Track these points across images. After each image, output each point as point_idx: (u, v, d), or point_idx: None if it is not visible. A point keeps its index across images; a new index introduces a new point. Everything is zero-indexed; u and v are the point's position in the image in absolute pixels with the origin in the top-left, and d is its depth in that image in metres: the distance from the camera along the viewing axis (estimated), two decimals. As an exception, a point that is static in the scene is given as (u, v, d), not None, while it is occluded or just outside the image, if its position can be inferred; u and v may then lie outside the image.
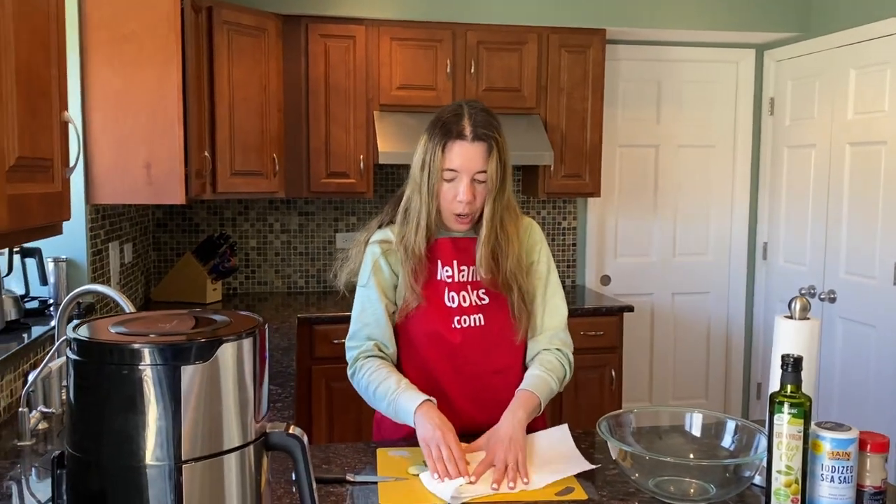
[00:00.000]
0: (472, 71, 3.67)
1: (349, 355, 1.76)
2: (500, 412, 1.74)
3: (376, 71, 3.60)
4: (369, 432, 3.33)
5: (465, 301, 1.73)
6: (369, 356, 1.72)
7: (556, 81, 3.77)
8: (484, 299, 1.74)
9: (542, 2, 3.73)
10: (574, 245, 4.26)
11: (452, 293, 1.73)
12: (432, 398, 1.60)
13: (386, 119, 3.59)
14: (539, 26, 3.73)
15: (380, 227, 1.80)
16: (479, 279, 1.74)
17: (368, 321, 1.74)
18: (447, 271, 1.73)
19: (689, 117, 4.30)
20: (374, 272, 1.74)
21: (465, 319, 1.73)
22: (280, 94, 3.51)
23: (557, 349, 1.77)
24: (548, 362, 1.74)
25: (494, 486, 1.47)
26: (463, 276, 1.74)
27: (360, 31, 3.57)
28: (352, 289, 1.81)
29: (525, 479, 1.48)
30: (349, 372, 1.75)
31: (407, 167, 3.99)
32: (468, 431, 1.72)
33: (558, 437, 1.65)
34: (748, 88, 4.31)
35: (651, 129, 4.27)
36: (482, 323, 1.74)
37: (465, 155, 1.63)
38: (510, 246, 1.71)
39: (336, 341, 3.31)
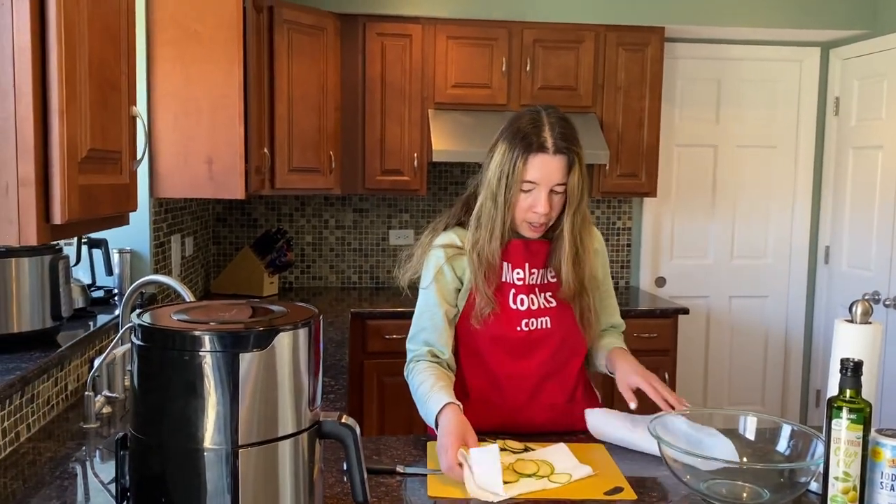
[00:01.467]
0: (528, 69, 3.66)
1: (408, 357, 1.78)
2: (558, 413, 1.77)
3: (432, 69, 3.62)
4: (420, 427, 3.36)
5: (533, 304, 1.73)
6: (420, 360, 1.73)
7: (612, 80, 3.73)
8: (552, 302, 1.74)
9: (600, -1, 3.70)
10: (629, 245, 4.21)
11: (521, 296, 1.73)
12: (458, 402, 1.57)
13: (441, 117, 3.61)
14: (596, 24, 3.70)
15: (445, 228, 1.79)
16: (546, 282, 1.74)
17: (426, 325, 1.74)
18: (518, 274, 1.73)
19: (749, 117, 4.20)
20: (436, 277, 1.73)
21: (532, 322, 1.73)
22: (337, 92, 3.57)
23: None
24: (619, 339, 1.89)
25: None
26: (533, 279, 1.74)
27: (417, 29, 3.60)
28: (413, 288, 1.81)
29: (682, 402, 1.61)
30: (405, 373, 1.77)
31: (461, 166, 3.97)
32: (526, 431, 1.74)
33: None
34: (812, 88, 4.19)
35: (710, 128, 4.19)
36: (549, 325, 1.74)
37: (545, 168, 1.62)
38: (587, 256, 1.72)
39: (388, 337, 3.35)
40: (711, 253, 4.25)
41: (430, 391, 1.62)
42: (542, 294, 1.74)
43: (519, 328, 1.72)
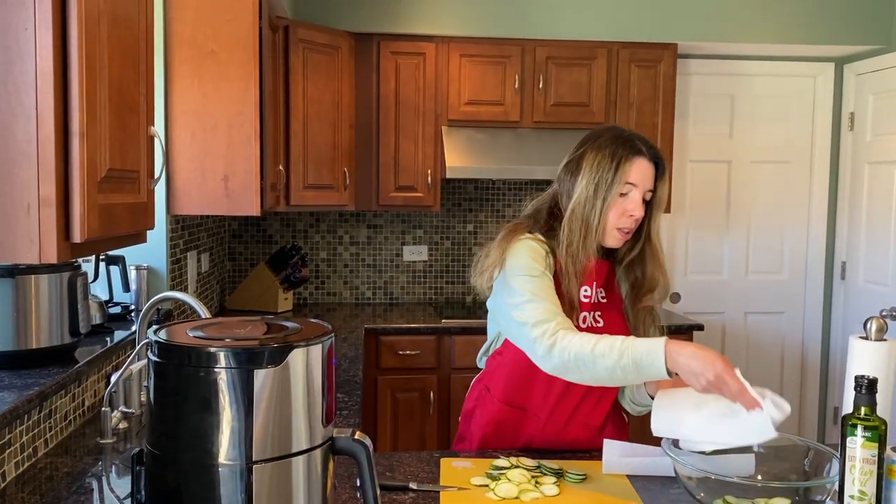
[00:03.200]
0: (541, 86, 3.68)
1: (538, 330, 1.59)
2: (588, 434, 1.77)
3: (445, 87, 3.66)
4: (433, 443, 3.37)
5: (583, 322, 1.75)
6: (568, 329, 1.60)
7: (625, 96, 3.75)
8: (599, 322, 1.76)
9: (612, 17, 3.72)
10: (642, 261, 4.19)
11: (584, 313, 1.74)
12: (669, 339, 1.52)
13: (454, 134, 3.63)
14: (609, 41, 3.72)
15: (527, 231, 1.76)
16: (597, 301, 1.76)
17: (555, 300, 1.65)
18: (585, 291, 1.74)
19: (763, 132, 4.20)
20: (546, 267, 1.69)
21: None
22: (352, 110, 3.60)
23: None
24: None
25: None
26: (595, 297, 1.76)
27: (430, 47, 3.64)
28: (486, 292, 1.78)
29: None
30: (547, 343, 1.57)
31: (474, 182, 3.98)
32: (555, 448, 1.75)
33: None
34: (826, 103, 4.18)
35: (723, 144, 4.19)
36: None
37: (644, 171, 1.69)
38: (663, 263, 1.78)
39: (401, 352, 3.36)
40: (726, 268, 4.24)
41: (627, 341, 1.51)
42: (593, 313, 1.76)
43: None
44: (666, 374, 1.47)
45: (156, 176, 1.49)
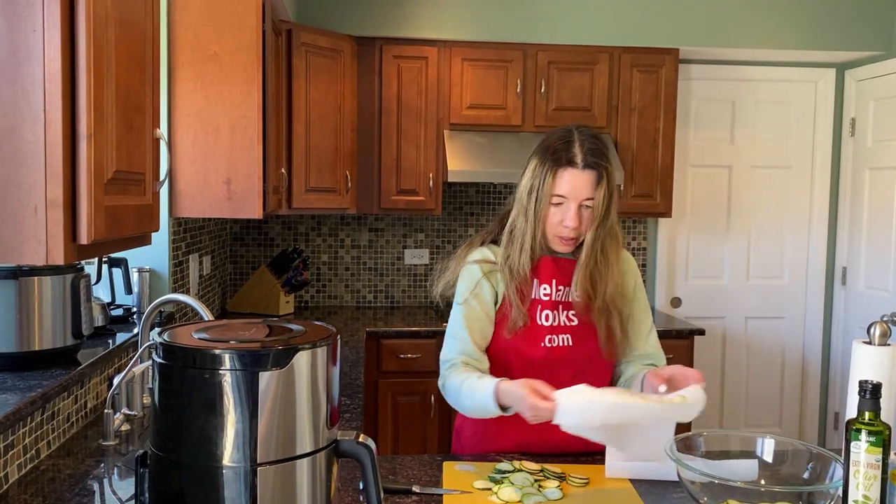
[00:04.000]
0: (542, 91, 3.69)
1: (442, 369, 1.77)
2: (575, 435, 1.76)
3: (447, 90, 3.66)
4: (434, 446, 3.36)
5: (556, 321, 1.75)
6: (455, 365, 1.73)
7: (627, 101, 3.75)
8: (573, 321, 1.75)
9: (614, 22, 3.73)
10: (644, 266, 4.20)
11: (547, 311, 1.74)
12: (505, 378, 1.61)
13: (456, 138, 3.63)
14: (610, 46, 3.73)
15: (482, 244, 1.82)
16: (570, 300, 1.75)
17: (464, 337, 1.75)
18: (545, 289, 1.75)
19: (764, 137, 4.20)
20: (475, 292, 1.75)
21: (554, 339, 1.74)
22: (354, 113, 3.61)
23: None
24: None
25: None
26: (558, 296, 1.75)
27: (433, 52, 3.64)
28: (447, 301, 1.84)
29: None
30: (440, 384, 1.77)
31: (475, 186, 4.00)
32: (548, 451, 1.74)
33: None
34: (827, 108, 4.19)
35: (724, 149, 4.19)
36: (570, 343, 1.75)
37: (574, 182, 1.65)
38: (609, 271, 1.72)
39: (402, 356, 3.36)
40: (727, 273, 4.24)
41: (478, 381, 1.63)
42: (565, 312, 1.75)
43: (542, 344, 1.73)
44: (500, 411, 1.58)
45: (161, 178, 1.49)
